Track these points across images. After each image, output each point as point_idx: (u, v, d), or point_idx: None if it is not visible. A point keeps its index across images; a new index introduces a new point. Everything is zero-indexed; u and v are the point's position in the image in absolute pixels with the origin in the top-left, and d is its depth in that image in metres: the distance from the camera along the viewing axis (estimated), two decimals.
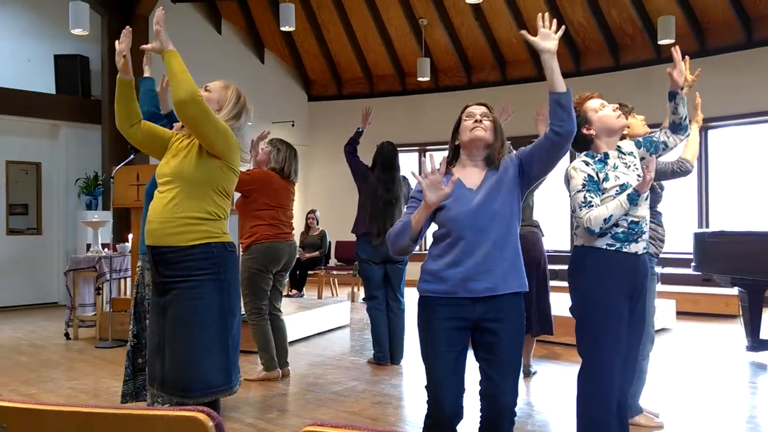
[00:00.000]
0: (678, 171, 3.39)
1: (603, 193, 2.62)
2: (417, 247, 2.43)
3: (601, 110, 2.70)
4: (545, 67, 2.32)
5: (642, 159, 2.79)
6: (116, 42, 2.70)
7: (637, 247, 2.64)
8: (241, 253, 4.68)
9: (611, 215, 2.56)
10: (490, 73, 11.24)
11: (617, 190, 2.60)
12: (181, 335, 2.56)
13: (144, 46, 2.63)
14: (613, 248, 2.61)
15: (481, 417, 2.43)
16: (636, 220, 2.62)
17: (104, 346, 5.90)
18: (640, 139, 2.82)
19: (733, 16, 9.02)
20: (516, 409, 2.42)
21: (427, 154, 2.38)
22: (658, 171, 3.35)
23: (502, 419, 2.37)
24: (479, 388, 2.41)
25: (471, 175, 2.42)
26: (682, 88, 2.77)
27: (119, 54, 2.67)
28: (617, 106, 2.74)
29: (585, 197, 2.61)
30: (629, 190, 2.56)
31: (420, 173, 2.30)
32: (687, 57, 3.78)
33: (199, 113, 2.51)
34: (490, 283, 2.33)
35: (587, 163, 2.65)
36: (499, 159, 2.41)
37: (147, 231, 2.63)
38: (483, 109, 2.46)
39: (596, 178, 2.62)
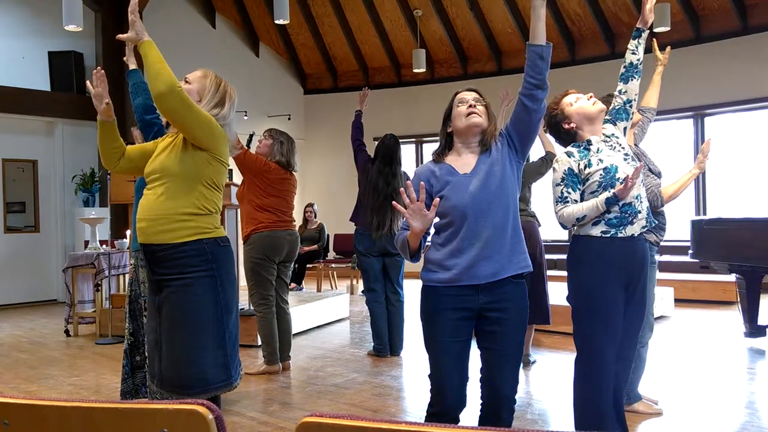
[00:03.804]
0: (650, 201, 3.28)
1: (587, 179, 2.64)
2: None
3: (576, 102, 2.74)
4: (534, 15, 2.34)
5: (625, 129, 2.81)
6: (87, 83, 2.63)
7: (633, 229, 2.63)
8: (242, 245, 4.70)
9: (584, 215, 2.60)
10: (485, 63, 11.22)
11: (601, 174, 2.62)
12: (177, 333, 2.55)
13: (119, 36, 2.55)
14: (608, 235, 2.62)
15: (481, 405, 2.44)
16: (628, 201, 2.60)
17: (104, 343, 5.92)
18: (608, 116, 2.83)
19: (729, 3, 9.00)
20: (516, 397, 2.43)
21: (406, 182, 2.40)
22: (638, 142, 3.38)
23: (501, 408, 2.39)
24: (480, 375, 2.43)
25: (465, 160, 2.42)
26: (649, 29, 2.80)
27: (99, 99, 2.59)
28: (591, 95, 2.76)
29: (562, 192, 2.66)
30: (608, 194, 2.56)
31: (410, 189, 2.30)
32: (669, 47, 3.84)
33: (179, 105, 2.44)
34: (494, 268, 2.32)
35: (570, 155, 2.68)
36: (491, 142, 2.42)
37: (138, 229, 2.59)
38: (474, 94, 2.45)
39: (577, 171, 2.65)
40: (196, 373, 2.55)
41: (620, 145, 2.72)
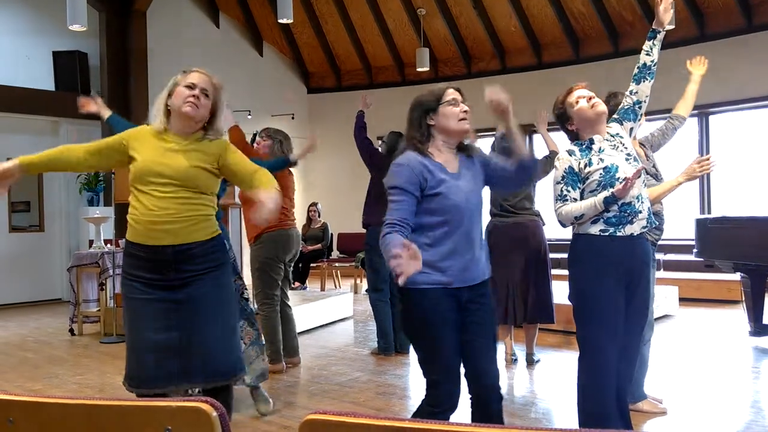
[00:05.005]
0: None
1: (587, 178, 2.64)
2: None
3: (576, 105, 2.73)
4: (510, 136, 2.41)
5: (632, 130, 2.81)
6: None
7: (633, 229, 2.62)
8: (250, 245, 4.70)
9: (583, 214, 2.60)
10: (489, 62, 11.20)
11: (601, 173, 2.62)
12: (217, 324, 2.69)
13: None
14: (607, 233, 2.61)
15: (471, 398, 2.45)
16: (628, 200, 2.60)
17: (109, 342, 5.93)
18: (616, 116, 2.82)
19: (733, 1, 8.97)
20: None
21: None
22: (654, 144, 3.53)
23: (490, 398, 2.41)
24: (464, 370, 2.43)
25: (447, 158, 2.41)
26: (662, 29, 2.79)
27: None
28: (592, 95, 2.74)
29: (561, 190, 2.67)
30: (607, 193, 2.56)
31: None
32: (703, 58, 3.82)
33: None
34: (479, 271, 2.40)
35: (571, 153, 2.69)
36: (469, 148, 2.46)
37: (165, 231, 2.63)
38: (460, 95, 2.46)
39: (577, 169, 2.65)
40: (236, 357, 2.76)
41: (623, 144, 2.71)
